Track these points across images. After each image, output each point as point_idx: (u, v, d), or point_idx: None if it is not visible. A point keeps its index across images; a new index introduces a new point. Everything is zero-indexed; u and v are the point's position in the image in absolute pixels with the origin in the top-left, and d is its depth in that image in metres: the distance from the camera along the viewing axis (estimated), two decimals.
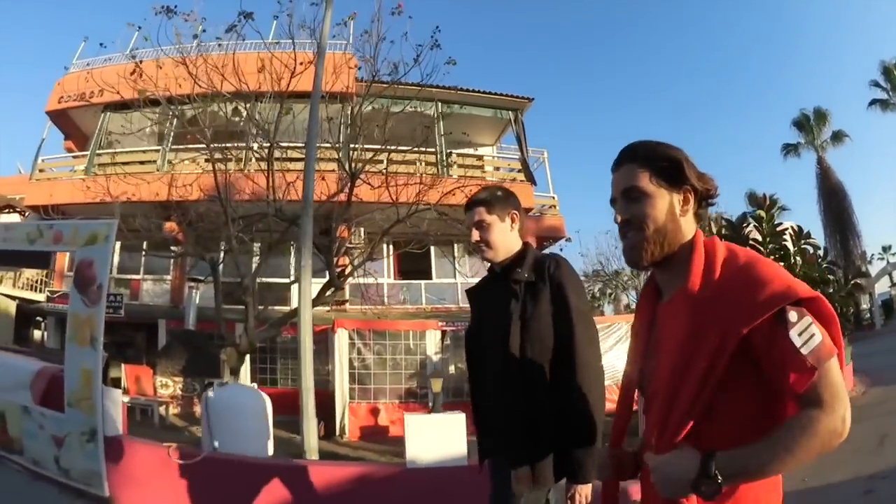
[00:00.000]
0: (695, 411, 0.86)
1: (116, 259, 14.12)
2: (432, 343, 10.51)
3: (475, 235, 1.61)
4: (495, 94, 15.02)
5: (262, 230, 8.21)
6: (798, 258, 11.15)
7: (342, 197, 8.02)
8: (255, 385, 7.81)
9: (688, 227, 0.98)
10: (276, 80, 7.71)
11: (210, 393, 3.88)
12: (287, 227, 7.61)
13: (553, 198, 14.86)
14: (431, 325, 10.65)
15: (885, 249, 33.34)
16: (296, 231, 7.98)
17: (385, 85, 8.11)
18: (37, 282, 15.15)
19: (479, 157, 15.23)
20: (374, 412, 9.94)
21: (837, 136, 20.49)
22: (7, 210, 15.55)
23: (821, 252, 12.35)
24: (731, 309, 0.84)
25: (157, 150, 13.09)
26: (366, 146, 8.27)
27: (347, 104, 11.60)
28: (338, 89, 9.03)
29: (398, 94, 8.62)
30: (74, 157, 14.17)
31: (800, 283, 0.86)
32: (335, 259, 7.45)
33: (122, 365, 10.75)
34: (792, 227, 11.13)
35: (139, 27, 14.39)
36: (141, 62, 9.92)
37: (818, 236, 13.74)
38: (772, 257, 11.11)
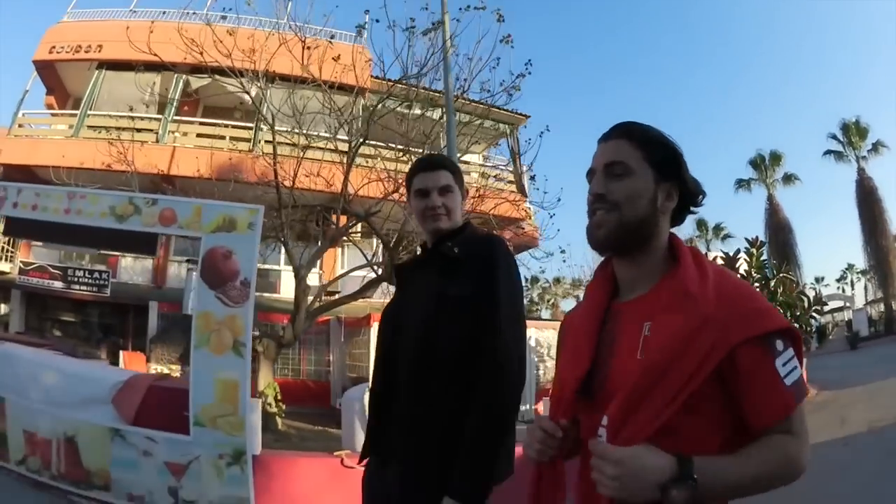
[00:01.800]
0: (664, 414, 0.77)
1: None
2: None
3: (437, 199, 1.41)
4: (495, 107, 14.94)
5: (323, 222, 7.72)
6: (780, 286, 13.26)
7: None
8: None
9: (664, 225, 0.91)
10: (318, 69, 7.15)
11: (352, 392, 3.48)
12: (353, 223, 7.19)
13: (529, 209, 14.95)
14: None
15: (818, 280, 36.71)
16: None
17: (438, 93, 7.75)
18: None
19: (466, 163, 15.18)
20: None
21: (788, 178, 22.88)
22: None
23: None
24: (725, 317, 0.78)
25: (159, 119, 12.07)
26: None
27: (360, 98, 11.19)
28: (349, 82, 8.55)
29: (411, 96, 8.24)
30: (61, 114, 12.83)
31: (779, 311, 0.84)
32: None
33: (121, 352, 9.82)
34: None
35: None
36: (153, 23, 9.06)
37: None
38: (756, 285, 12.96)
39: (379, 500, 1.35)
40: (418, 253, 1.56)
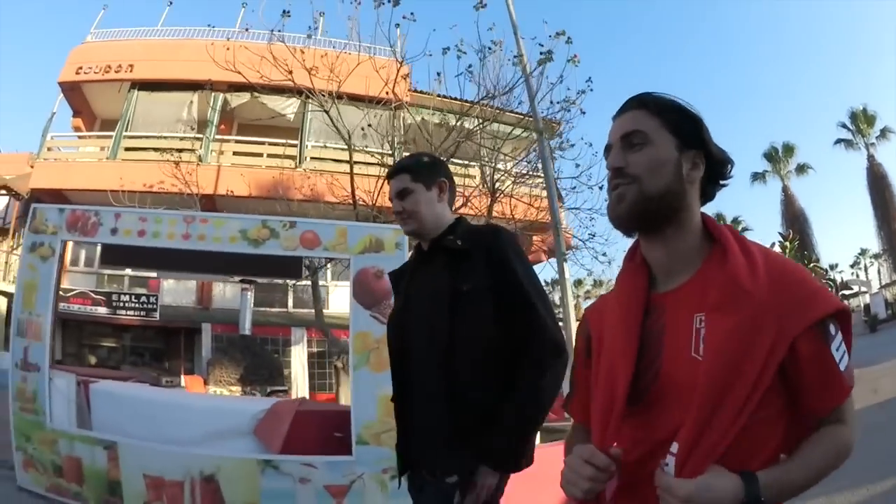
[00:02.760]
0: (737, 425, 0.72)
1: None
2: None
3: (397, 205, 1.41)
4: (526, 115, 15.01)
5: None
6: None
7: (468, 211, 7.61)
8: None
9: (693, 199, 0.82)
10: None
11: None
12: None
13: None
14: None
15: (832, 267, 37.45)
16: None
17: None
18: None
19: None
20: None
21: (802, 168, 23.43)
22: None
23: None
24: (781, 308, 0.73)
25: (200, 139, 11.89)
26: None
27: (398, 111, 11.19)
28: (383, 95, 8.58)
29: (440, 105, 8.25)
30: (95, 136, 12.58)
31: (830, 291, 0.80)
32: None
33: (182, 376, 9.63)
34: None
35: (170, 2, 13.24)
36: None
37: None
38: None
39: None
40: (413, 255, 1.53)
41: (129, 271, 12.61)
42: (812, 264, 14.25)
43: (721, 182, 0.87)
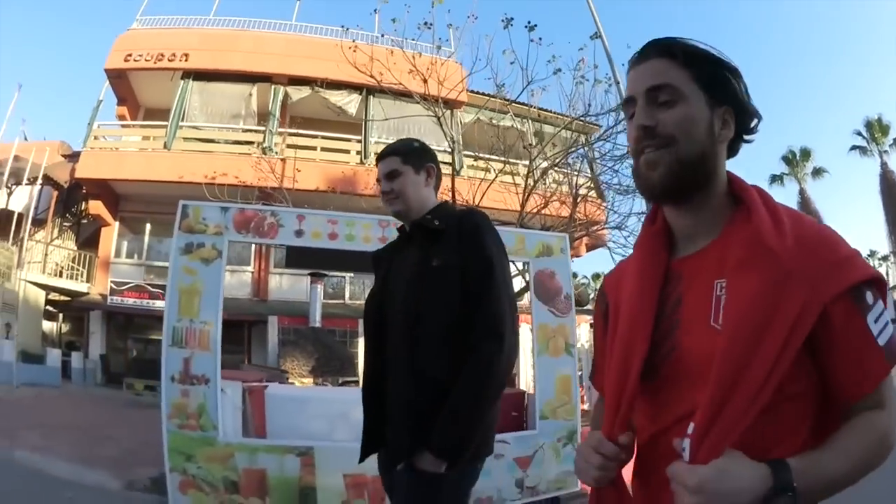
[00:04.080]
0: (758, 403, 0.63)
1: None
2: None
3: (385, 185, 1.44)
4: (569, 116, 15.20)
5: None
6: None
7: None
8: None
9: (722, 159, 0.75)
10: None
11: None
12: None
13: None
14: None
15: None
16: None
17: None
18: (64, 268, 12.99)
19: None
20: None
21: (818, 172, 24.22)
22: (30, 181, 13.13)
23: None
24: (810, 271, 0.65)
25: (261, 131, 11.73)
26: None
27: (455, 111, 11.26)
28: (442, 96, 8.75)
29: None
30: (148, 125, 12.30)
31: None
32: None
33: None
34: None
35: None
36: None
37: None
38: None
39: (389, 486, 1.36)
40: (396, 239, 1.54)
41: None
42: None
43: (746, 138, 0.78)
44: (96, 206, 12.04)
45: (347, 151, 11.95)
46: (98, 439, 5.87)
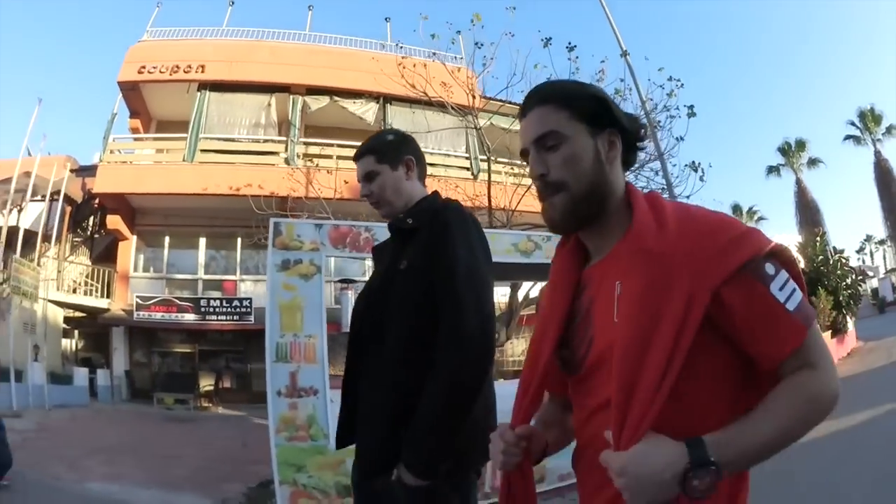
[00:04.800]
0: (664, 389, 0.68)
1: (202, 258, 12.52)
2: None
3: (364, 188, 1.39)
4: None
5: None
6: (838, 266, 15.24)
7: None
8: None
9: (616, 176, 0.82)
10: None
11: None
12: None
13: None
14: None
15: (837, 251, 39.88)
16: None
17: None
18: (79, 285, 12.84)
19: None
20: None
21: (813, 162, 24.81)
22: (38, 197, 12.95)
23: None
24: (694, 262, 0.69)
25: (282, 141, 11.71)
26: None
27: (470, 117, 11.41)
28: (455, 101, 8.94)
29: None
30: (170, 138, 12.15)
31: (762, 233, 0.75)
32: None
33: None
34: None
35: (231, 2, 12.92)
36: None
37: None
38: (822, 268, 14.73)
39: (355, 490, 1.35)
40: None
41: (202, 275, 12.37)
42: (837, 255, 15.30)
43: (638, 145, 0.85)
44: (114, 221, 11.92)
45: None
46: (163, 460, 5.88)
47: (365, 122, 11.77)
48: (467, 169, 12.25)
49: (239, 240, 12.52)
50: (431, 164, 12.72)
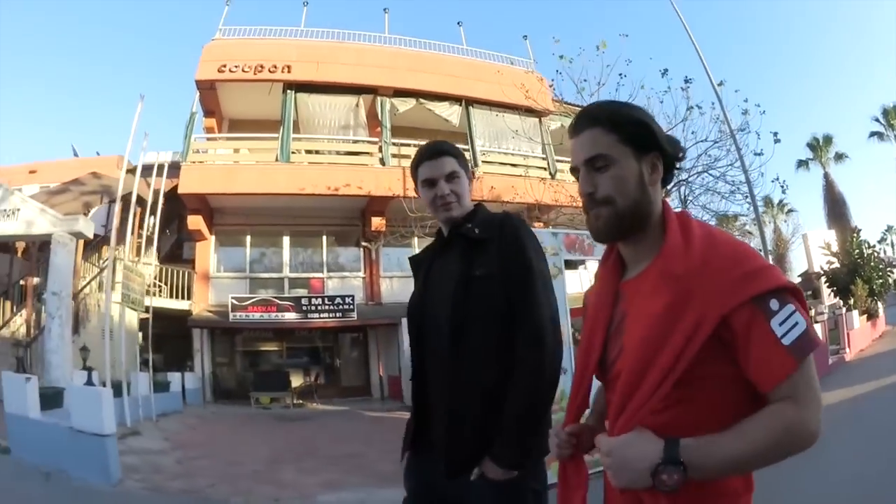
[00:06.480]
0: (660, 392, 0.78)
1: (286, 256, 12.55)
2: None
3: (445, 187, 1.37)
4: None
5: None
6: (871, 258, 17.08)
7: None
8: None
9: (656, 196, 0.89)
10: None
11: None
12: None
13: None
14: None
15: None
16: None
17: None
18: (152, 287, 12.70)
19: None
20: None
21: (840, 156, 25.86)
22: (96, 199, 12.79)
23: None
24: (711, 288, 0.77)
25: (375, 142, 11.77)
26: None
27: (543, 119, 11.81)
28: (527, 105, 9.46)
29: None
30: (264, 138, 11.98)
31: (778, 269, 0.82)
32: None
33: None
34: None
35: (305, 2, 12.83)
36: None
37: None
38: (859, 260, 15.73)
39: (421, 489, 1.38)
40: (434, 241, 1.52)
41: (287, 273, 12.40)
42: (871, 249, 16.24)
43: (678, 165, 0.95)
44: (195, 222, 11.85)
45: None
46: (351, 458, 5.73)
47: (451, 123, 11.92)
48: (544, 169, 12.49)
49: (324, 237, 12.59)
50: (513, 165, 12.89)
